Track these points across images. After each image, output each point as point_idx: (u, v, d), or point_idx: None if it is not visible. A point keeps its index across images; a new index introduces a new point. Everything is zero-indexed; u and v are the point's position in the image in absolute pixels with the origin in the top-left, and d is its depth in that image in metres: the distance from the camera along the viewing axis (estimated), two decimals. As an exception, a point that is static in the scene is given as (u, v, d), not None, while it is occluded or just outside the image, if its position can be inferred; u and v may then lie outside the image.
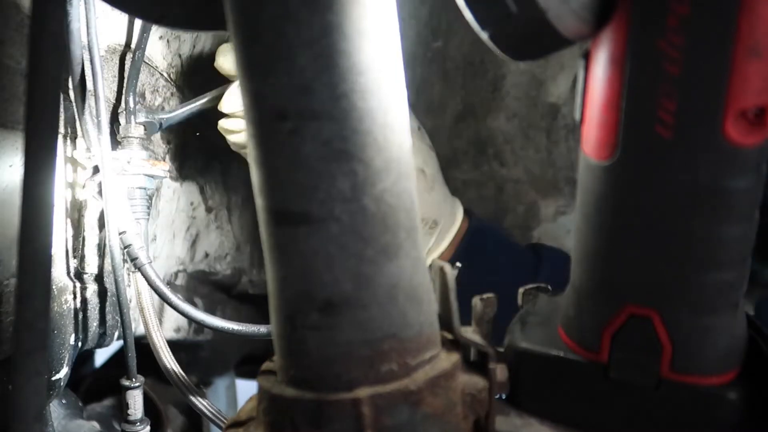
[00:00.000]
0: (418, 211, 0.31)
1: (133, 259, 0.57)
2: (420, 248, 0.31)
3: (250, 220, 0.94)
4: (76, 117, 0.57)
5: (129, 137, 0.61)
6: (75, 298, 0.60)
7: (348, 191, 0.28)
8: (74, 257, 0.61)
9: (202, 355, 1.01)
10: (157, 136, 0.71)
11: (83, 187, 0.59)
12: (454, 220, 0.78)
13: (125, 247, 0.57)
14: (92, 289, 0.62)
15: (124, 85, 0.63)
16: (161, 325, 0.66)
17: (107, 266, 0.62)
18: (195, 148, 0.80)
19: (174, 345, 0.61)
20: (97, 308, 0.62)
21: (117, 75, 0.64)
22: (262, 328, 0.57)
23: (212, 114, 0.67)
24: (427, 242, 0.75)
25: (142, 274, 0.57)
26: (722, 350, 0.32)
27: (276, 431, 0.31)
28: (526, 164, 1.01)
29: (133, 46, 0.64)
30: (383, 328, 0.29)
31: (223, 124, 0.67)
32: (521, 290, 0.42)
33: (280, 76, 0.27)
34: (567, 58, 0.92)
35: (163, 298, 0.57)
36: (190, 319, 0.58)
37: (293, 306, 0.30)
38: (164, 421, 0.89)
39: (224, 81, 0.66)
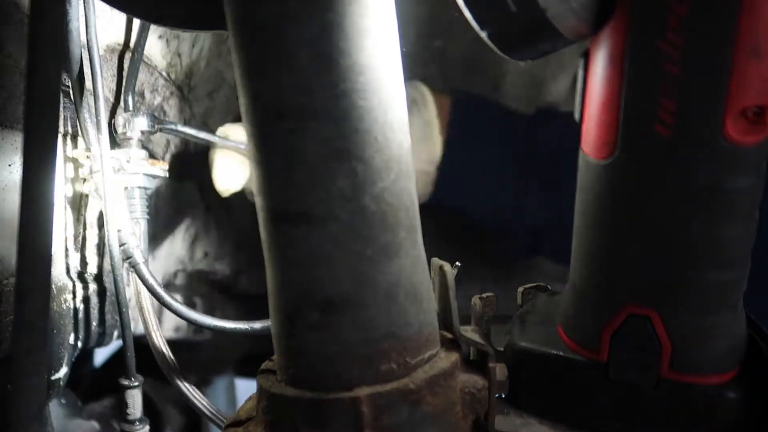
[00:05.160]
0: (418, 209, 0.31)
1: (128, 258, 0.57)
2: (420, 247, 0.31)
3: (250, 220, 0.93)
4: (76, 116, 0.57)
5: (128, 136, 0.61)
6: (74, 297, 0.60)
7: (348, 190, 0.28)
8: (74, 256, 0.61)
9: (202, 355, 1.01)
10: (156, 136, 0.71)
11: (84, 182, 0.59)
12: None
13: (120, 246, 0.57)
14: (92, 288, 0.62)
15: (123, 84, 0.62)
16: (161, 324, 0.66)
17: (106, 265, 0.62)
18: (195, 148, 0.80)
19: (174, 345, 0.61)
20: (97, 307, 0.62)
21: (116, 74, 0.63)
22: (256, 324, 0.57)
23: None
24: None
25: (137, 273, 0.57)
26: (722, 350, 0.32)
27: (275, 430, 0.31)
28: (525, 164, 1.00)
29: (132, 45, 0.64)
30: (383, 327, 0.29)
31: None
32: (520, 289, 0.42)
33: (280, 75, 0.27)
34: (567, 58, 0.92)
35: (157, 297, 0.57)
36: (184, 319, 0.58)
37: (293, 305, 0.30)
38: (164, 420, 0.89)
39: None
